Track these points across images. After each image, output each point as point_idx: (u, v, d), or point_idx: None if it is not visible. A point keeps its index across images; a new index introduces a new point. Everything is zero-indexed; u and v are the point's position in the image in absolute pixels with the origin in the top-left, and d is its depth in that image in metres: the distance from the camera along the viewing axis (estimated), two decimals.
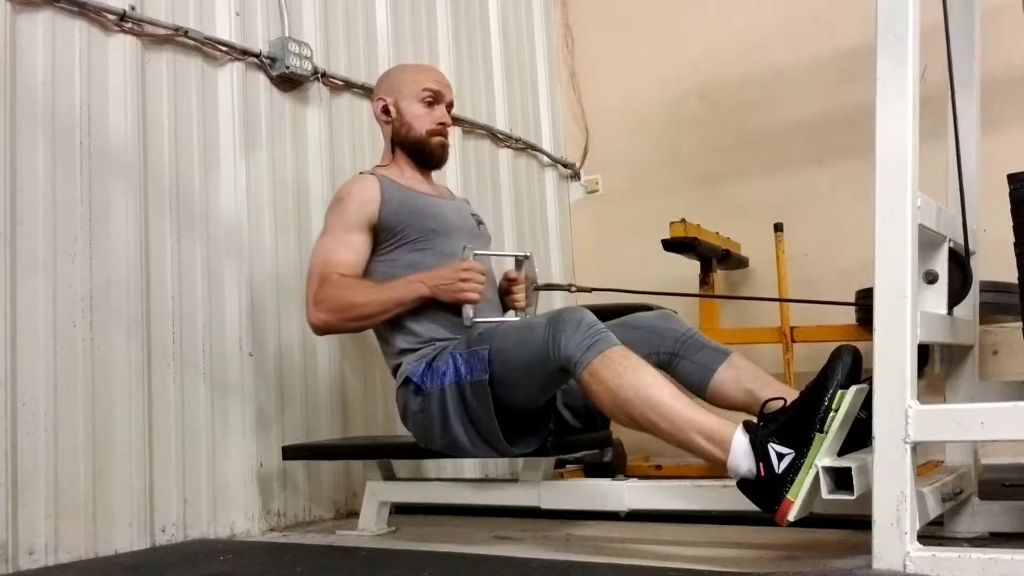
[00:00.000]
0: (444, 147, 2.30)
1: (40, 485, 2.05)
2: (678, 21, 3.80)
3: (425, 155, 2.29)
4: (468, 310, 2.05)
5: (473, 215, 2.37)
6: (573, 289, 2.36)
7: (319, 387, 2.78)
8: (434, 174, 2.38)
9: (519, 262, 2.30)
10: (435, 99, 2.28)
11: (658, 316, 2.11)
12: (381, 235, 2.16)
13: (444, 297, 2.04)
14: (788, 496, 1.53)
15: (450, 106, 2.32)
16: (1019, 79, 2.98)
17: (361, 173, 2.29)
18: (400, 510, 2.59)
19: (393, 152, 2.31)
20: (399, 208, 2.16)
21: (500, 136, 3.67)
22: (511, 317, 2.23)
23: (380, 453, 2.39)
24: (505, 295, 2.29)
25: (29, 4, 2.16)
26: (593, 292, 2.36)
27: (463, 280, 2.02)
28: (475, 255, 2.10)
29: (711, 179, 3.65)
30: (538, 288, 2.29)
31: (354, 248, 2.14)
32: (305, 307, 2.13)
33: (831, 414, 1.53)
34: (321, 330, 2.15)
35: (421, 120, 2.27)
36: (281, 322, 2.68)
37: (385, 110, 2.30)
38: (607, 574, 1.62)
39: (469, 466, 3.09)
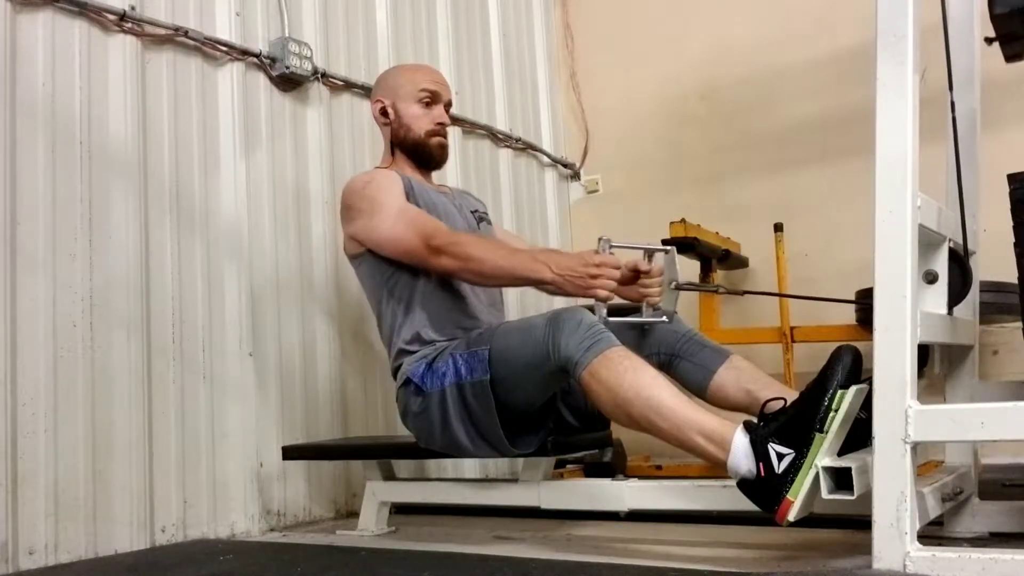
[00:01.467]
0: (443, 147, 2.30)
1: (40, 485, 2.05)
2: (678, 21, 3.79)
3: (424, 156, 2.28)
4: (601, 309, 1.88)
5: (474, 212, 2.36)
6: (722, 291, 2.19)
7: (319, 387, 2.78)
8: (434, 174, 2.38)
9: (650, 254, 2.08)
10: (433, 99, 2.27)
11: None
12: None
13: (569, 289, 1.88)
14: (788, 496, 1.53)
15: (448, 105, 2.32)
16: (1019, 79, 2.97)
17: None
18: (400, 510, 2.59)
19: (393, 154, 2.31)
20: (419, 199, 2.16)
21: (500, 136, 3.67)
22: (653, 318, 2.05)
23: (380, 453, 2.39)
24: (624, 284, 2.08)
25: (29, 4, 2.16)
26: (744, 295, 2.19)
27: (594, 276, 1.85)
28: (611, 247, 1.91)
29: (711, 179, 3.65)
30: (680, 287, 2.06)
31: (419, 209, 2.09)
32: (420, 259, 2.04)
33: (831, 414, 1.53)
34: (444, 272, 2.04)
35: (419, 121, 2.26)
36: (281, 322, 2.68)
37: (383, 112, 2.30)
38: (607, 574, 1.62)
39: (469, 466, 3.09)
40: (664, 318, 2.05)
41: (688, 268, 3.10)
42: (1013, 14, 1.61)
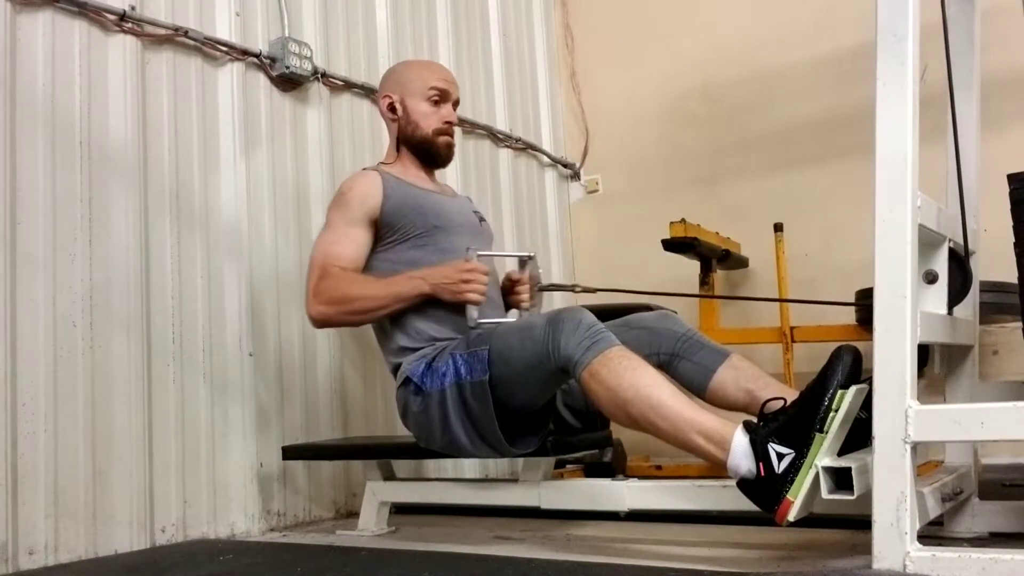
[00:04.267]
0: (450, 146, 2.30)
1: (40, 485, 2.05)
2: (678, 21, 3.80)
3: (431, 154, 2.28)
4: (472, 311, 2.04)
5: (475, 212, 2.37)
6: (578, 289, 2.35)
7: (319, 387, 2.78)
8: (437, 173, 2.38)
9: (523, 262, 2.29)
10: (442, 97, 2.27)
11: (658, 317, 2.11)
12: (382, 231, 2.15)
13: (445, 296, 2.03)
14: (788, 496, 1.53)
15: (456, 104, 2.31)
16: (1019, 79, 2.98)
17: (364, 169, 2.29)
18: (400, 510, 2.59)
19: (398, 149, 2.30)
20: (401, 204, 2.16)
21: (500, 136, 3.67)
22: (515, 318, 2.22)
23: (380, 453, 2.39)
24: (508, 295, 2.28)
25: (29, 4, 2.16)
26: (596, 292, 2.36)
27: (465, 280, 2.01)
28: (478, 255, 2.09)
29: (711, 179, 3.65)
30: (542, 288, 2.28)
31: (355, 242, 2.13)
32: (305, 300, 2.13)
33: (831, 414, 1.53)
34: (320, 323, 2.13)
35: (428, 119, 2.26)
36: (281, 322, 2.68)
37: (391, 107, 2.29)
38: (607, 574, 1.62)
39: (469, 466, 3.09)
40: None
41: (688, 268, 3.12)
42: None
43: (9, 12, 2.11)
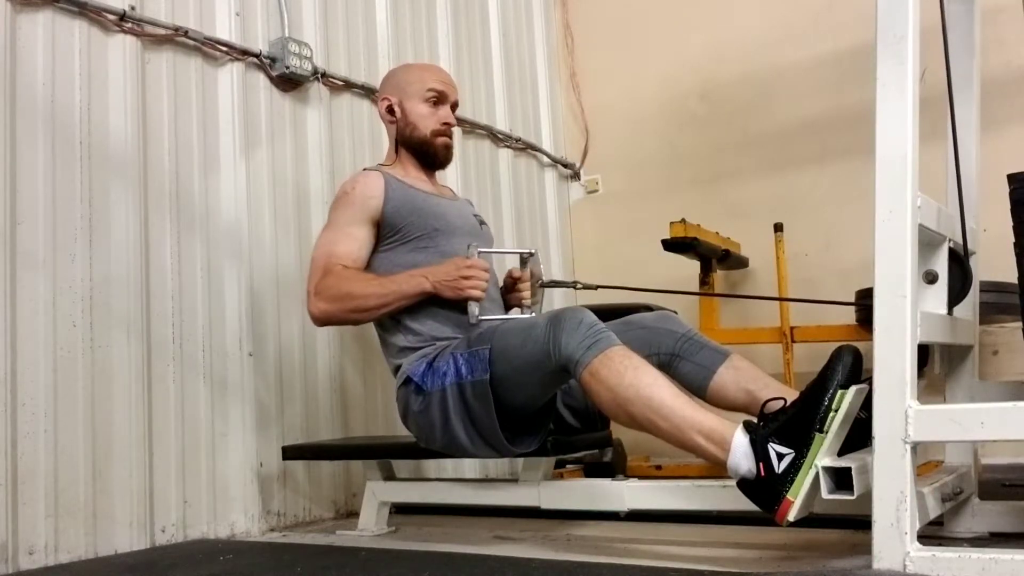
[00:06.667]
0: (448, 148, 2.30)
1: (40, 485, 2.05)
2: (678, 21, 3.80)
3: (429, 155, 2.28)
4: (474, 308, 2.04)
5: (475, 216, 2.37)
6: (578, 286, 2.36)
7: (319, 387, 2.78)
8: (437, 174, 2.38)
9: (524, 259, 2.30)
10: (440, 99, 2.27)
11: (658, 317, 2.11)
12: (383, 231, 2.15)
13: (446, 294, 2.03)
14: (788, 496, 1.53)
15: (455, 106, 2.32)
16: (1019, 79, 2.98)
17: (366, 169, 2.29)
18: (400, 510, 2.59)
19: (397, 151, 2.31)
20: (402, 205, 2.16)
21: (500, 136, 3.67)
22: (517, 315, 2.22)
23: (380, 453, 2.39)
24: (508, 292, 2.29)
25: (29, 4, 2.16)
26: (597, 289, 2.36)
27: (466, 277, 2.02)
28: (479, 252, 2.09)
29: (711, 179, 3.65)
30: (544, 285, 2.28)
31: (357, 241, 2.13)
32: (306, 298, 2.13)
33: (831, 414, 1.53)
34: (321, 320, 2.13)
35: (426, 120, 2.26)
36: (281, 322, 2.68)
37: (390, 109, 2.29)
38: (607, 574, 1.62)
39: (469, 466, 3.09)
40: (532, 315, 2.18)
41: (688, 268, 3.12)
42: None
43: (9, 12, 2.11)
